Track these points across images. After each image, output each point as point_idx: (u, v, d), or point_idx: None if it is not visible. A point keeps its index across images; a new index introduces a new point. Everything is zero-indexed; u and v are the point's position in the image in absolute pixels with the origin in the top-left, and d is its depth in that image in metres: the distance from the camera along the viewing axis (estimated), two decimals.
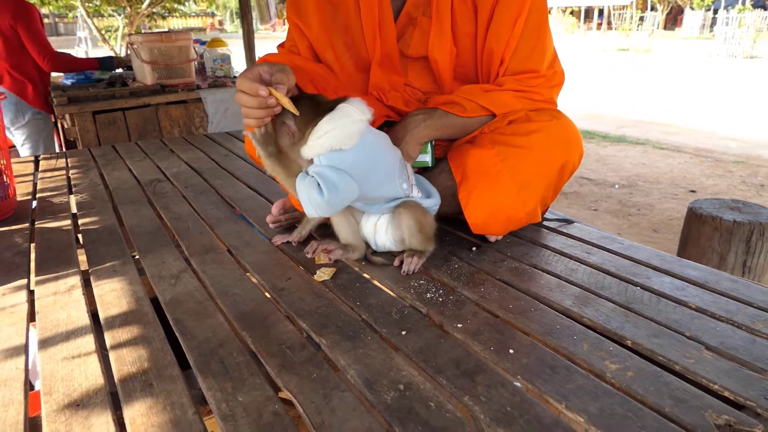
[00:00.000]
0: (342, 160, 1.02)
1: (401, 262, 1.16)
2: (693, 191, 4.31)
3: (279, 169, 1.08)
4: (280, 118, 1.03)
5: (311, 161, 1.05)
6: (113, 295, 1.08)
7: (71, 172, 2.04)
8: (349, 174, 1.02)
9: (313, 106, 1.03)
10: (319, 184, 1.01)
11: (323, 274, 1.13)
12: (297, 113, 1.00)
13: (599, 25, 29.78)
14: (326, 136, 1.00)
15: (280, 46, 1.46)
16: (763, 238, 1.65)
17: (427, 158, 1.31)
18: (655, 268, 1.15)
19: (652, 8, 27.04)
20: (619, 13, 28.24)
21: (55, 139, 3.51)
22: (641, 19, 26.52)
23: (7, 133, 3.16)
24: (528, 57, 1.26)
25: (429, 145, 1.30)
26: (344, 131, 1.01)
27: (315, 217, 1.10)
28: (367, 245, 1.22)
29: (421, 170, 1.34)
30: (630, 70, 12.83)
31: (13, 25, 2.97)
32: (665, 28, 27.66)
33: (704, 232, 1.72)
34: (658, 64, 13.94)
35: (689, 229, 1.78)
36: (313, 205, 1.04)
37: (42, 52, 3.07)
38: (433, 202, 1.20)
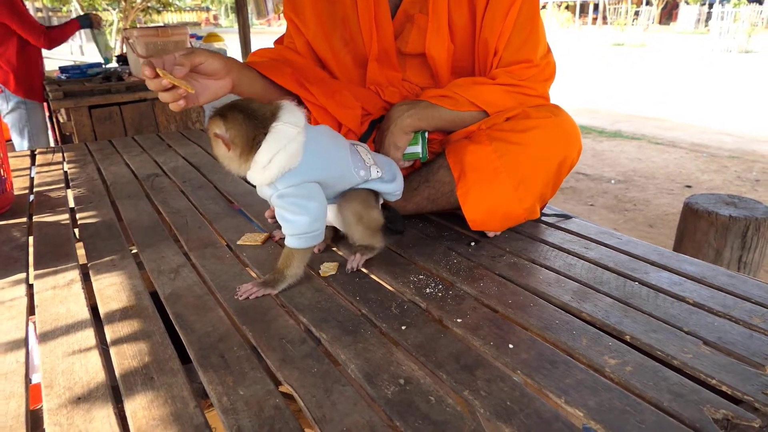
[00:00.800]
0: (297, 177, 1.00)
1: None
2: (688, 186, 4.33)
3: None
4: (211, 129, 0.99)
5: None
6: (113, 289, 1.08)
7: (68, 166, 2.03)
8: (310, 184, 1.02)
9: (246, 121, 0.97)
10: (294, 214, 1.00)
11: (328, 270, 1.13)
12: (191, 91, 1.00)
13: (594, 20, 29.78)
14: (271, 164, 0.97)
15: (277, 41, 1.46)
16: (758, 233, 1.66)
17: (417, 149, 1.29)
18: (653, 264, 1.15)
19: (647, 3, 27.07)
20: (615, 8, 28.26)
21: (50, 133, 3.49)
22: (636, 13, 26.56)
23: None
24: (521, 47, 1.26)
25: (420, 136, 1.29)
26: (287, 153, 0.97)
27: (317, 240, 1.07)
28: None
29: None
30: (625, 64, 12.85)
31: None
32: (660, 22, 27.70)
33: (700, 227, 1.72)
34: (653, 58, 13.97)
35: (685, 224, 1.79)
36: (306, 237, 1.02)
37: (35, 33, 3.04)
38: (394, 187, 1.17)
